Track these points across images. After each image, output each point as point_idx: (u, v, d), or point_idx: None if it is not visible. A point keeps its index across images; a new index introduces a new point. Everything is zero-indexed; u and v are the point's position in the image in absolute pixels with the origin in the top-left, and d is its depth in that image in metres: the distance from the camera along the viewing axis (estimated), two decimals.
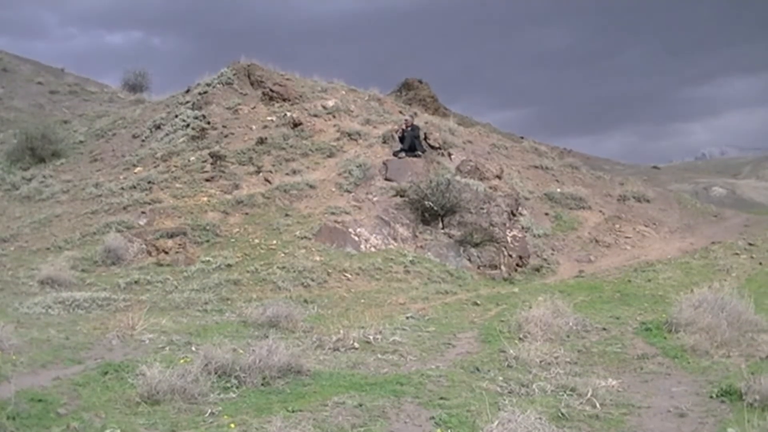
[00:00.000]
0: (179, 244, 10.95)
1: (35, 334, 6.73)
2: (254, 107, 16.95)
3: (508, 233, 12.35)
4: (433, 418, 4.84)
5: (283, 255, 10.62)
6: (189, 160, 14.40)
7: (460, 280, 10.85)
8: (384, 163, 13.84)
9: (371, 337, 7.01)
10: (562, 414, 4.93)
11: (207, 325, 7.70)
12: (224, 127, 15.94)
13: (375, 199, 12.75)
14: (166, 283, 9.74)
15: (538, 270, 12.02)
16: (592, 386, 5.40)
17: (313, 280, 9.90)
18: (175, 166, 14.21)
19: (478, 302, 9.57)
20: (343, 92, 18.74)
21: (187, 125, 16.23)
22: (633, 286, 10.76)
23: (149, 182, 13.46)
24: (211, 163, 13.89)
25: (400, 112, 18.56)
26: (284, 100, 17.24)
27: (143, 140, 16.59)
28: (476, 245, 11.75)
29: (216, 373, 5.40)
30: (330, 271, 10.27)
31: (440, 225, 12.27)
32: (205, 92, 17.71)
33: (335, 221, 11.74)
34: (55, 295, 8.59)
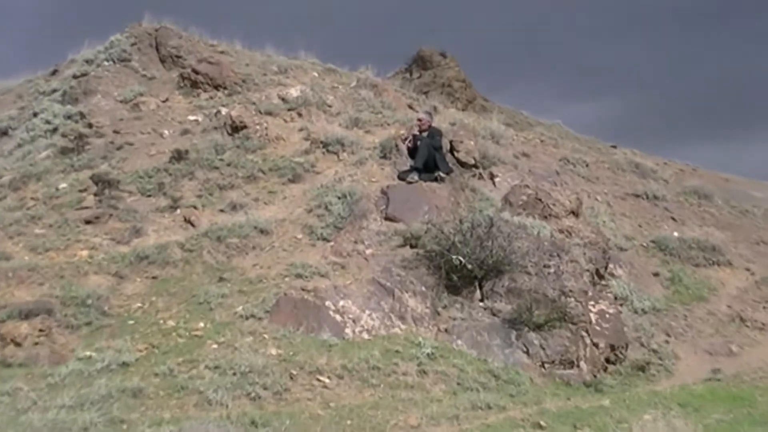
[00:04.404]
0: (41, 330, 11.03)
1: None
2: (166, 100, 17.32)
3: (591, 307, 12.49)
4: None
5: (215, 346, 10.72)
6: (57, 189, 14.64)
7: (513, 387, 10.89)
8: (384, 192, 14.11)
9: None
10: None
11: None
12: (116, 132, 16.24)
13: (369, 251, 12.96)
14: (17, 395, 9.76)
15: (642, 369, 12.11)
16: None
17: (266, 387, 9.94)
18: (33, 199, 14.44)
19: (543, 424, 9.62)
20: (315, 74, 19.19)
21: (54, 130, 16.55)
22: None
23: None
24: (96, 194, 14.13)
25: (410, 107, 18.92)
26: (217, 87, 17.65)
27: None
28: (538, 327, 11.83)
29: None
30: (295, 372, 10.33)
31: (478, 294, 12.43)
32: (85, 74, 18.13)
33: (303, 289, 11.87)
34: None
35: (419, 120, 15.16)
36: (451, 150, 15.57)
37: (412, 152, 14.81)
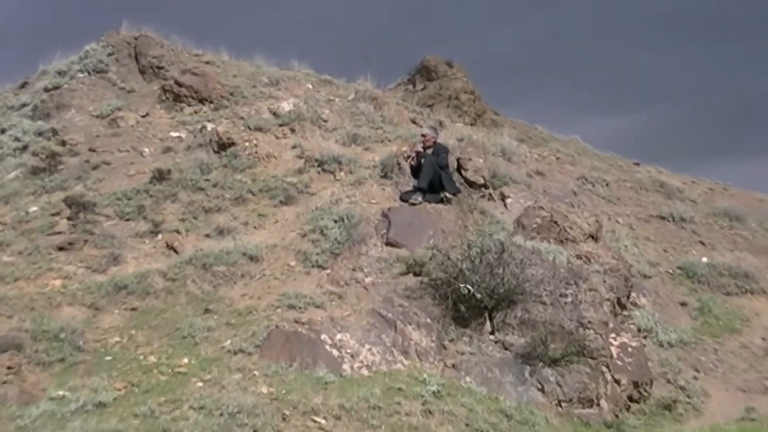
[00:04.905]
0: (9, 367, 11.02)
1: None
2: (147, 114, 17.37)
3: (612, 340, 12.48)
4: None
5: (200, 384, 10.70)
6: (27, 212, 14.68)
7: (527, 427, 10.87)
8: (384, 215, 14.14)
9: None
10: None
11: None
12: (92, 150, 16.28)
13: (369, 280, 12.97)
14: None
15: (668, 407, 12.07)
16: None
17: (256, 429, 9.90)
18: (1, 223, 14.47)
19: None
20: (310, 86, 19.26)
21: (24, 148, 16.60)
22: None
23: None
24: (69, 218, 14.17)
25: (413, 122, 18.97)
26: (202, 100, 17.72)
27: None
28: (555, 362, 11.82)
29: None
30: (288, 412, 10.31)
31: (488, 326, 12.42)
32: (57, 87, 18.21)
33: (297, 321, 11.87)
34: None
35: (423, 136, 15.11)
36: (459, 168, 15.63)
37: (416, 171, 14.80)
